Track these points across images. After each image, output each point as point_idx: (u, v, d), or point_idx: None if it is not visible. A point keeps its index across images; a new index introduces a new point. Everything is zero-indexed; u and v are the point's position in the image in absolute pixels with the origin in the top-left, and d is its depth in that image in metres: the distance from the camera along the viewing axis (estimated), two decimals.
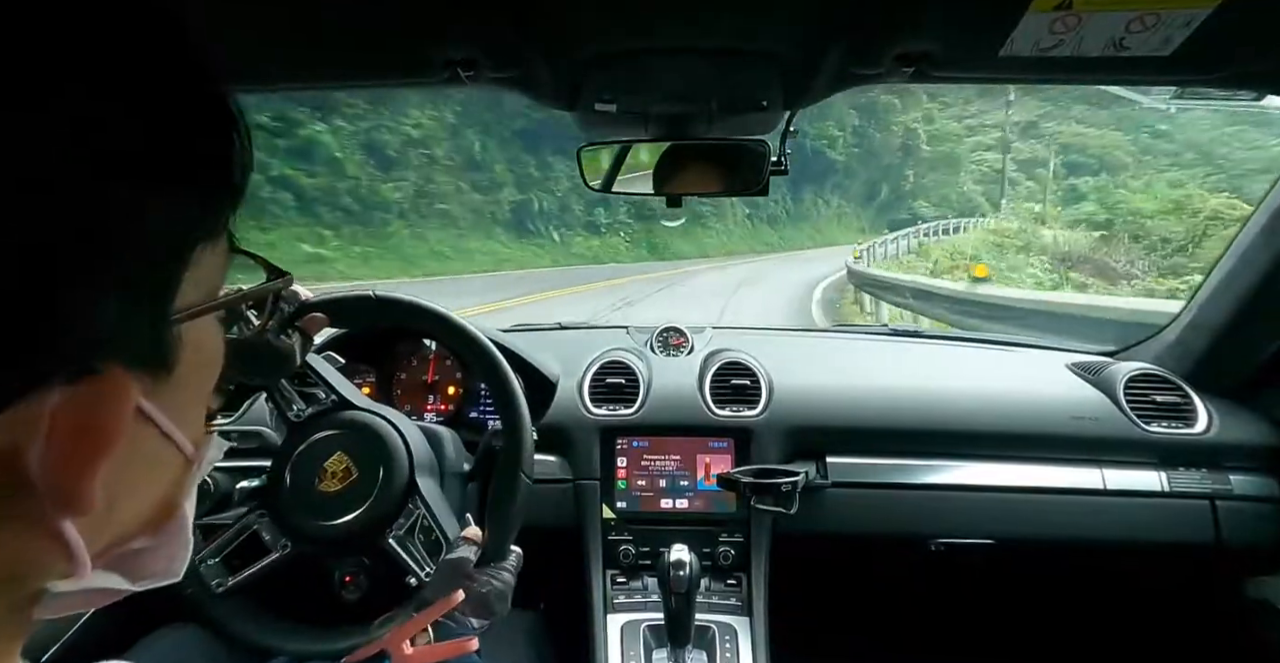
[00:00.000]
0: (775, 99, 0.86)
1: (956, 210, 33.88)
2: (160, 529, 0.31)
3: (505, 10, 0.65)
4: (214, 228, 0.28)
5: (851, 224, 34.90)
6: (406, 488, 0.85)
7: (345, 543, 0.84)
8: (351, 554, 0.88)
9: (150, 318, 0.25)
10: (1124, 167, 30.93)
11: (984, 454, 1.20)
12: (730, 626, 1.10)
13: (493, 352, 0.89)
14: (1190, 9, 0.61)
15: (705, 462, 1.20)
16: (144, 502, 0.30)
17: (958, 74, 0.78)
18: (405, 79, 0.83)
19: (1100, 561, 1.31)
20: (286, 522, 0.84)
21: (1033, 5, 0.61)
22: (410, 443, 0.87)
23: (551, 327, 1.61)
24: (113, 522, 0.28)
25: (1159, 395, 1.22)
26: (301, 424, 0.88)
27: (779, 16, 0.67)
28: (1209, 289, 1.21)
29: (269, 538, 0.85)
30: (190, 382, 0.29)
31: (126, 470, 0.27)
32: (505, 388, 0.87)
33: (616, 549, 1.17)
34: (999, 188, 33.62)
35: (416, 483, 0.85)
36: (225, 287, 0.32)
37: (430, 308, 0.89)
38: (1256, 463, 1.17)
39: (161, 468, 0.30)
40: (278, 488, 0.85)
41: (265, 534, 0.85)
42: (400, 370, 1.30)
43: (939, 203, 37.99)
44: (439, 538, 0.84)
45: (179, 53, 0.25)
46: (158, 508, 0.31)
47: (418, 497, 0.84)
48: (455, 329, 0.89)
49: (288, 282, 0.37)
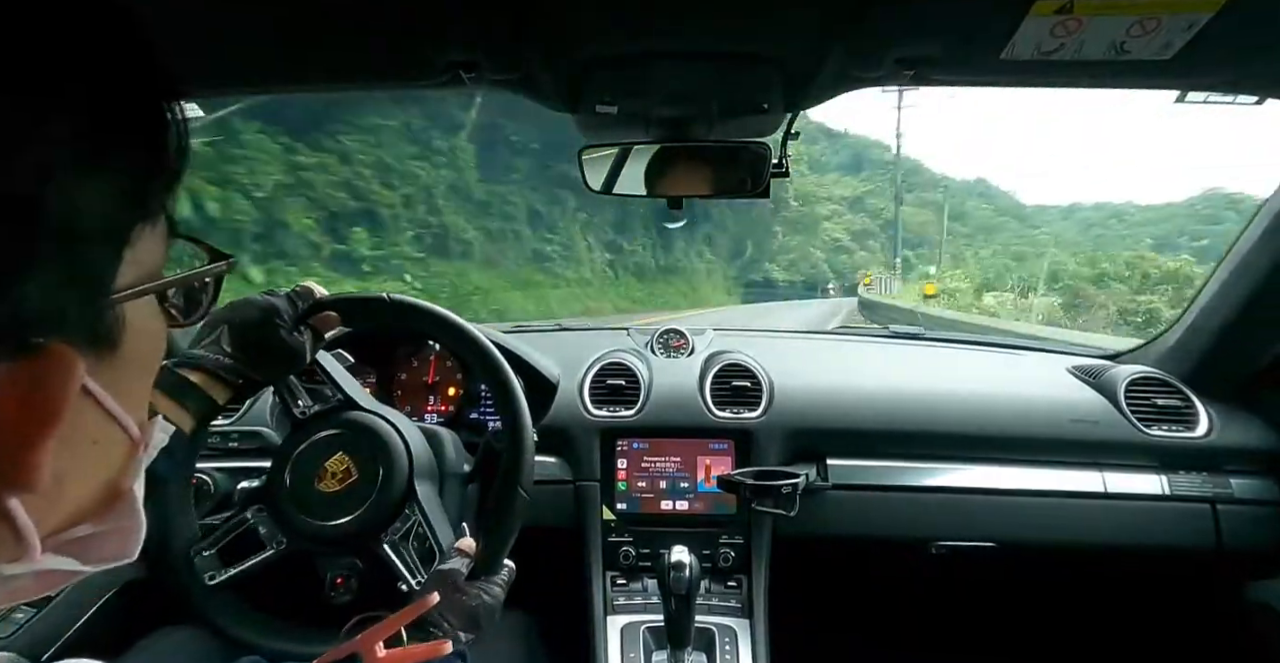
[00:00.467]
0: (776, 101, 0.86)
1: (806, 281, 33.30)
2: (109, 512, 0.32)
3: (506, 13, 0.65)
4: (149, 209, 0.29)
5: (719, 283, 29.33)
6: (405, 493, 0.85)
7: (340, 544, 0.84)
8: (345, 556, 0.88)
9: (90, 296, 0.26)
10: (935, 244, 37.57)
11: (985, 457, 1.20)
12: (730, 628, 1.09)
13: (500, 362, 0.89)
14: (1191, 13, 0.61)
15: (705, 463, 1.20)
16: (91, 484, 0.31)
17: (958, 77, 0.78)
18: (407, 81, 0.83)
19: (1101, 564, 1.30)
20: (284, 518, 0.84)
21: (1034, 9, 0.61)
22: (411, 447, 0.87)
23: (552, 328, 1.61)
24: (61, 503, 0.29)
25: (1160, 399, 1.22)
26: (305, 422, 0.88)
27: (780, 20, 0.67)
28: (1209, 293, 1.21)
29: (265, 533, 0.85)
30: (134, 362, 0.30)
31: (72, 450, 0.27)
32: (510, 398, 0.87)
33: (616, 551, 1.17)
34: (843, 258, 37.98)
35: (415, 489, 0.85)
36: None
37: (442, 314, 0.89)
38: (1257, 466, 1.17)
39: (107, 449, 0.31)
40: (277, 485, 0.85)
41: (262, 529, 0.85)
42: (401, 371, 1.30)
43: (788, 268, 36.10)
44: (433, 546, 0.84)
45: (113, 37, 0.26)
46: (104, 491, 0.32)
47: (415, 503, 0.84)
48: (466, 337, 0.89)
49: (230, 265, 0.37)
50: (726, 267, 31.29)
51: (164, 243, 0.31)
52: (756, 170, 0.94)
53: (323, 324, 0.84)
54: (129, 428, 0.31)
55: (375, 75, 0.85)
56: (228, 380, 0.76)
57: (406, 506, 0.84)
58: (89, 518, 0.31)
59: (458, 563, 0.79)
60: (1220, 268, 1.18)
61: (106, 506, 0.32)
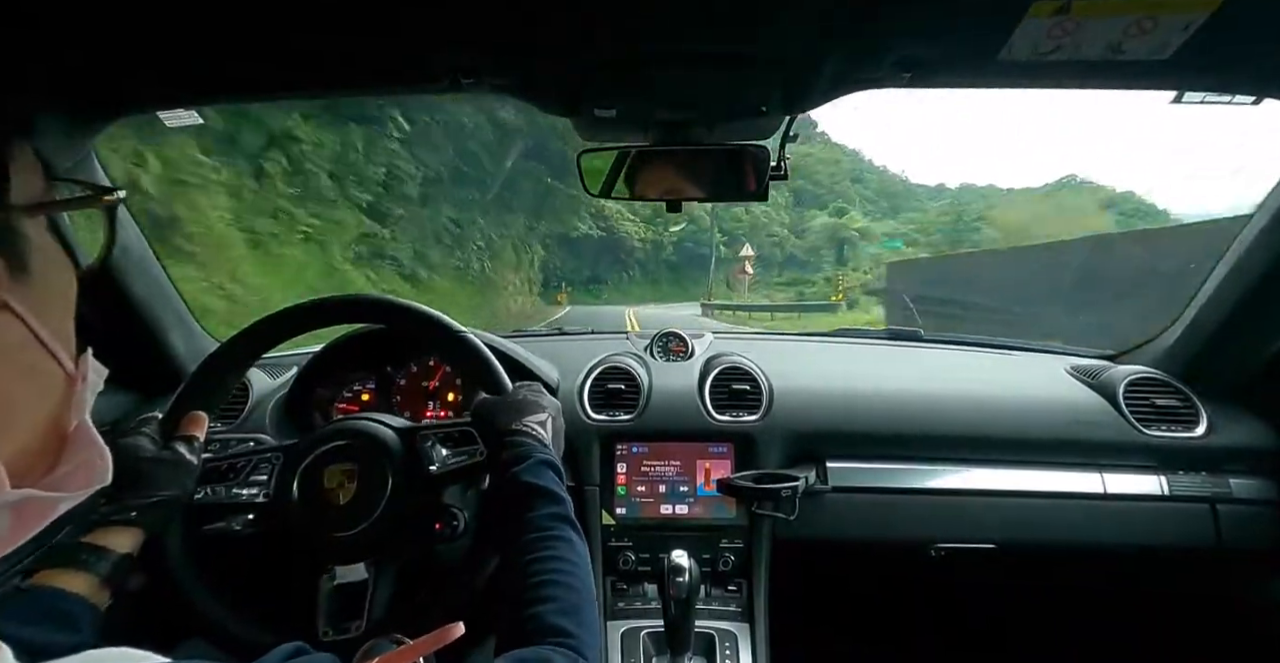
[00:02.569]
0: (775, 104, 0.86)
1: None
2: (64, 451, 0.34)
3: (505, 17, 0.65)
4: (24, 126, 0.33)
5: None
6: (404, 439, 0.83)
7: (405, 515, 0.81)
8: (418, 517, 0.84)
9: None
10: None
11: (984, 459, 1.20)
12: (731, 632, 1.09)
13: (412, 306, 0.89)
14: (1188, 13, 0.61)
15: (705, 467, 1.20)
16: (35, 413, 0.33)
17: (956, 79, 0.78)
18: (406, 86, 0.83)
19: (1101, 565, 1.30)
20: (355, 554, 0.80)
21: (1031, 10, 0.61)
22: (374, 417, 0.86)
23: (551, 333, 1.61)
24: (10, 430, 0.31)
25: (1159, 399, 1.22)
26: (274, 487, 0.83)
27: (778, 22, 0.68)
28: (1208, 292, 1.21)
29: (353, 579, 0.81)
30: (49, 288, 0.33)
31: (9, 370, 0.30)
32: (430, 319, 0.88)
33: (616, 556, 1.16)
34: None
35: (407, 429, 0.84)
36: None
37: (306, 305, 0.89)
38: (1257, 466, 1.17)
39: (44, 383, 0.33)
40: (322, 542, 0.80)
41: (350, 579, 0.81)
42: (400, 377, 1.30)
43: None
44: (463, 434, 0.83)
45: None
46: (51, 428, 0.34)
47: (419, 431, 0.83)
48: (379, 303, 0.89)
49: (119, 199, 0.41)
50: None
51: (40, 175, 0.35)
52: (755, 173, 0.94)
53: (192, 427, 0.81)
54: (60, 358, 0.33)
55: (374, 81, 0.84)
56: (119, 521, 0.70)
57: (417, 442, 0.83)
58: (44, 462, 0.33)
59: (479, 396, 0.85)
60: (1218, 267, 1.18)
61: (57, 445, 0.34)
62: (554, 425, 0.82)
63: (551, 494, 0.69)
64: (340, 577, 0.81)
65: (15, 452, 0.31)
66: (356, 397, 1.28)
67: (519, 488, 0.69)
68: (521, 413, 0.80)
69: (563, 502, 0.69)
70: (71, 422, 0.35)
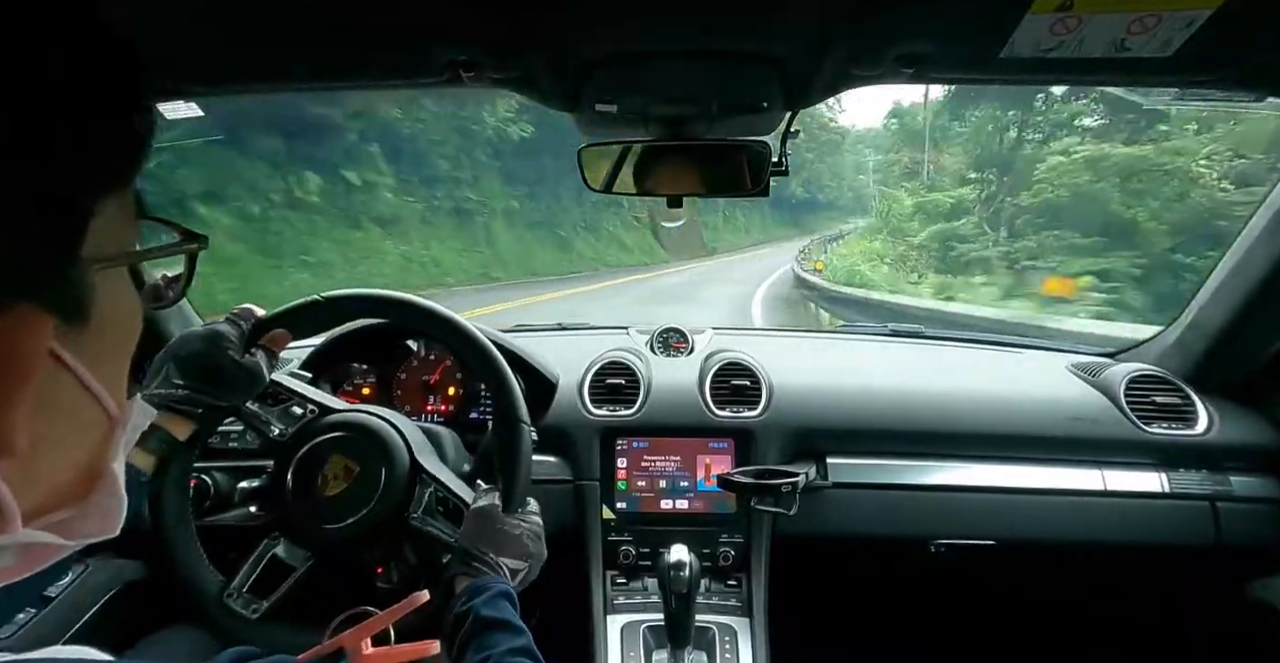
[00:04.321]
0: (776, 100, 0.86)
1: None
2: (91, 492, 0.33)
3: (506, 11, 0.64)
4: (116, 179, 0.30)
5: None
6: (411, 469, 0.85)
7: (367, 538, 0.84)
8: (378, 546, 0.88)
9: (57, 260, 0.27)
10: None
11: (984, 455, 1.20)
12: (730, 626, 1.09)
13: (455, 320, 0.90)
14: (1191, 10, 0.61)
15: (705, 462, 1.20)
16: (69, 458, 0.31)
17: (958, 75, 0.78)
18: (406, 79, 0.83)
19: (1101, 562, 1.30)
20: (303, 537, 0.85)
21: (1033, 7, 0.61)
22: (402, 429, 0.88)
23: (552, 327, 1.61)
24: (39, 474, 0.29)
25: (1159, 396, 1.22)
26: (287, 443, 0.88)
27: (780, 18, 0.67)
28: (1209, 290, 1.21)
29: (286, 555, 0.85)
30: (108, 337, 0.31)
31: (49, 418, 0.28)
32: (477, 346, 0.89)
33: (616, 550, 1.17)
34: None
35: (419, 462, 0.86)
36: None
37: (382, 294, 0.90)
38: (1257, 464, 1.17)
39: (85, 424, 0.31)
40: (285, 508, 0.85)
41: (283, 554, 0.85)
42: (400, 371, 1.30)
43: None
44: (457, 505, 0.85)
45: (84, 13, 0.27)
46: (84, 469, 0.32)
47: (423, 474, 0.85)
48: (412, 306, 0.90)
49: (203, 244, 0.38)
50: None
51: (132, 220, 0.32)
52: (756, 169, 0.94)
53: (274, 343, 0.84)
54: (105, 403, 0.31)
55: (374, 74, 0.84)
56: (184, 412, 0.77)
57: (417, 480, 0.85)
58: (69, 501, 0.32)
59: (489, 498, 0.82)
60: (1220, 265, 1.18)
61: (88, 485, 0.32)
62: (525, 576, 0.80)
63: (513, 628, 0.69)
64: (283, 552, 0.86)
65: (47, 491, 0.30)
66: (358, 390, 1.28)
67: (479, 622, 0.68)
68: (503, 549, 0.78)
69: (522, 633, 0.69)
70: (106, 465, 0.33)
